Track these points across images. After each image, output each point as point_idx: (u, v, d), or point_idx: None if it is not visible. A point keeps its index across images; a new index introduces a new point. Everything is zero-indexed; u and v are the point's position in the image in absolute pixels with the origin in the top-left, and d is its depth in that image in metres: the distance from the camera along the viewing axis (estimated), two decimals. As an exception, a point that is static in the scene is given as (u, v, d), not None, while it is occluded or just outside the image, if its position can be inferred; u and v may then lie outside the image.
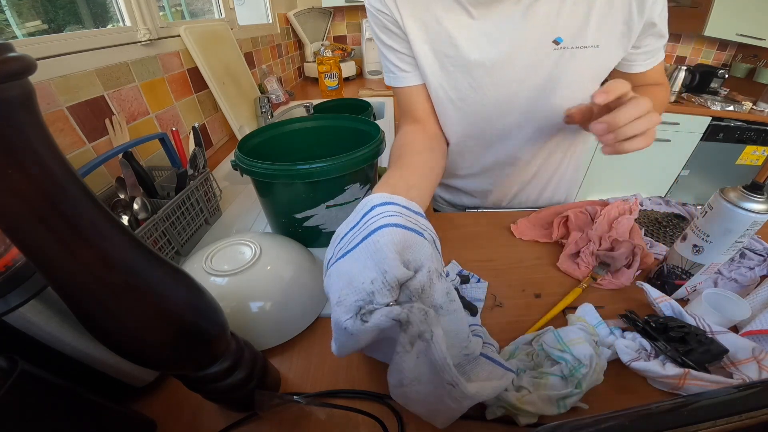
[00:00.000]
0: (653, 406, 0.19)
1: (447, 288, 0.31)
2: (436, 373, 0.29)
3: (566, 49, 0.52)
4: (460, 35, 0.53)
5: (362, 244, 0.31)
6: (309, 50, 2.02)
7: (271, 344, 0.44)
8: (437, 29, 0.53)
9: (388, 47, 0.58)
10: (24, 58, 0.16)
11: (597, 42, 0.52)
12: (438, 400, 0.30)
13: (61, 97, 0.62)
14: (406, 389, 0.31)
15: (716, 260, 0.45)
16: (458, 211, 0.85)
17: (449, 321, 0.31)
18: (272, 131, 0.65)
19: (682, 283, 0.48)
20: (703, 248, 0.45)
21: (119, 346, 0.24)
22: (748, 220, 0.41)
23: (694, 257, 0.46)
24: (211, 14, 1.33)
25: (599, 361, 0.36)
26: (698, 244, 0.45)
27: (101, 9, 0.86)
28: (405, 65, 0.59)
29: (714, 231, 0.43)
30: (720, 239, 0.43)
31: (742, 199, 0.41)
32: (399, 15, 0.54)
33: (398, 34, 0.56)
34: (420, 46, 0.55)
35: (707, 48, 2.42)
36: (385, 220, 0.32)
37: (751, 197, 0.40)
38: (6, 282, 0.28)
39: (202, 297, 0.28)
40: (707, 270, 0.46)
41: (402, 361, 0.29)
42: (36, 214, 0.18)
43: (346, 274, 0.30)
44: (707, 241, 0.44)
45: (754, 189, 0.41)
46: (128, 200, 0.57)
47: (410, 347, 0.29)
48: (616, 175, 2.30)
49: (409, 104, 0.62)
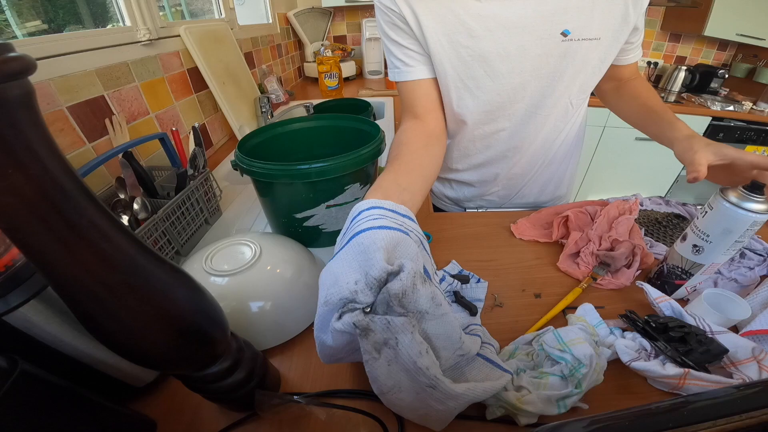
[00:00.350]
0: (653, 406, 0.19)
1: (432, 293, 0.30)
2: (412, 378, 0.29)
3: (573, 41, 0.55)
4: (475, 25, 0.55)
5: (347, 246, 0.32)
6: (309, 50, 2.02)
7: (271, 344, 0.44)
8: (453, 20, 0.55)
9: (394, 42, 0.59)
10: (24, 58, 0.16)
11: (599, 35, 0.55)
12: (423, 404, 0.30)
13: (61, 97, 0.62)
14: (388, 397, 0.31)
15: (716, 260, 0.45)
16: (461, 209, 0.86)
17: (437, 325, 0.31)
18: (272, 131, 0.65)
19: (682, 283, 0.48)
20: (703, 248, 0.45)
21: (119, 346, 0.24)
22: (748, 220, 0.41)
23: (694, 257, 0.46)
24: (211, 14, 1.33)
25: (599, 361, 0.36)
26: (698, 244, 0.45)
27: (101, 9, 0.86)
28: (410, 60, 0.60)
29: (714, 231, 0.43)
30: (720, 239, 0.43)
31: (742, 199, 0.41)
32: (411, 12, 0.55)
33: (405, 30, 0.57)
34: (437, 38, 0.56)
35: (707, 48, 2.41)
36: (370, 223, 0.33)
37: (751, 197, 0.40)
38: (6, 282, 0.28)
39: (202, 297, 0.28)
40: (707, 270, 0.46)
41: (373, 369, 0.29)
42: (36, 214, 0.18)
43: (333, 273, 0.30)
44: (707, 241, 0.44)
45: (754, 189, 0.41)
46: (128, 200, 0.57)
47: (377, 354, 0.29)
48: (616, 175, 2.29)
49: (411, 99, 0.63)
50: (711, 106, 2.01)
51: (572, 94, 0.62)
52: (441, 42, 0.57)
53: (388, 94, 1.69)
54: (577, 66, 0.58)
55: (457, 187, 0.82)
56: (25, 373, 0.24)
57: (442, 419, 0.32)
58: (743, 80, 2.29)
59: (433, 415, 0.32)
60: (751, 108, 2.03)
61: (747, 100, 2.08)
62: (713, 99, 2.06)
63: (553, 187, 0.80)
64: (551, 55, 0.57)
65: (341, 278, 0.29)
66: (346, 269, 0.30)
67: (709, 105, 2.01)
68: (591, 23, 0.54)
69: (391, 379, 0.29)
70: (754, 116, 1.99)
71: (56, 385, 0.27)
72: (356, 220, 0.35)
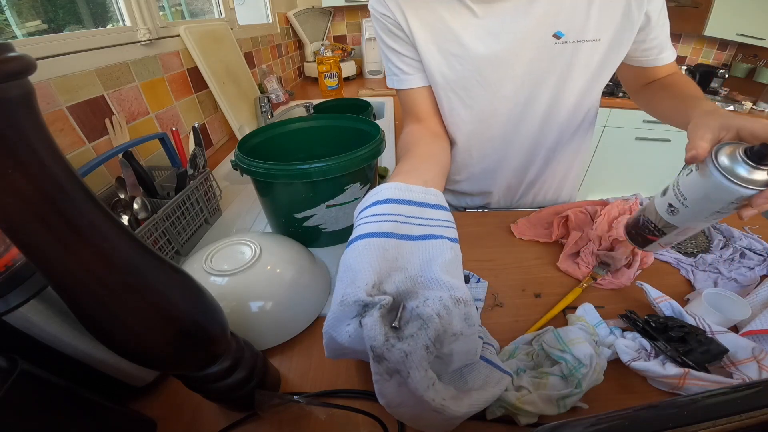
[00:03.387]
0: (653, 406, 0.19)
1: (465, 313, 0.29)
2: (419, 401, 0.28)
3: (567, 43, 0.53)
4: (465, 33, 0.54)
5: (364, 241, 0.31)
6: (309, 50, 2.02)
7: (271, 344, 0.44)
8: (442, 29, 0.54)
9: (392, 50, 0.59)
10: (24, 57, 0.16)
11: (598, 36, 0.52)
12: (429, 417, 0.30)
13: (61, 97, 0.62)
14: (394, 410, 0.30)
15: (691, 225, 0.40)
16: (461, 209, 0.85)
17: (463, 343, 0.30)
18: (272, 131, 0.65)
19: (654, 239, 0.44)
20: (678, 210, 0.39)
21: (119, 346, 0.24)
22: (734, 193, 0.32)
23: (668, 217, 0.40)
24: (211, 14, 1.33)
25: (599, 361, 0.36)
26: (674, 205, 0.39)
27: (101, 9, 0.86)
28: (408, 68, 0.59)
29: (693, 195, 0.37)
30: (697, 205, 0.37)
31: (736, 164, 0.32)
32: (403, 17, 0.54)
33: (401, 37, 0.57)
34: (427, 47, 0.56)
35: (707, 48, 2.41)
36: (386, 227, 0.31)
37: (747, 164, 0.32)
38: (6, 282, 0.28)
39: (202, 297, 0.28)
40: (680, 232, 0.41)
41: (383, 388, 0.29)
42: (36, 214, 0.18)
43: (351, 270, 0.29)
44: (683, 204, 0.38)
45: (755, 155, 0.31)
46: (128, 200, 0.57)
47: (388, 377, 0.28)
48: (616, 175, 2.29)
49: (412, 105, 0.63)
50: (711, 106, 2.00)
51: (573, 99, 0.60)
52: (431, 51, 0.56)
53: (388, 94, 1.69)
54: (576, 70, 0.56)
55: (460, 197, 0.82)
56: (25, 373, 0.24)
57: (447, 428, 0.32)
58: (743, 80, 2.29)
59: (438, 426, 0.32)
60: (752, 108, 2.03)
61: (747, 100, 2.08)
62: (713, 99, 2.07)
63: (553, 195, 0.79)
64: (544, 59, 0.55)
65: (359, 277, 0.28)
66: (365, 266, 0.29)
67: (709, 105, 2.01)
68: (587, 24, 0.51)
69: (399, 398, 0.29)
70: (755, 116, 1.99)
71: (56, 385, 0.27)
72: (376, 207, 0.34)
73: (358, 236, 0.33)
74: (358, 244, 0.32)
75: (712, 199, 0.35)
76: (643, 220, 0.45)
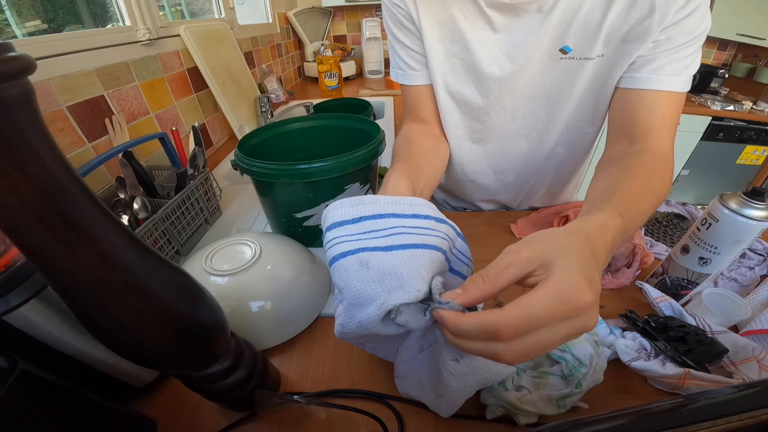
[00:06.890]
0: (653, 406, 0.19)
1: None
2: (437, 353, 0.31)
3: (573, 59, 0.50)
4: (473, 37, 0.52)
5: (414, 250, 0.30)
6: (309, 50, 2.02)
7: (271, 344, 0.44)
8: (452, 29, 0.53)
9: (400, 43, 0.57)
10: (24, 57, 0.16)
11: (603, 51, 0.48)
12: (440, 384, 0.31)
13: (61, 97, 0.62)
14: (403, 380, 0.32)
15: (723, 267, 0.45)
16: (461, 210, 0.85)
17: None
18: (272, 131, 0.65)
19: (687, 293, 0.48)
20: (711, 260, 0.44)
21: (119, 346, 0.24)
22: (757, 228, 0.41)
23: (701, 269, 0.45)
24: (211, 14, 1.33)
25: (599, 361, 0.36)
26: (705, 257, 0.44)
27: (101, 9, 0.86)
28: (415, 63, 0.58)
29: (723, 243, 0.43)
30: (729, 249, 0.43)
31: (747, 207, 0.40)
32: (415, 10, 0.53)
33: (411, 31, 0.56)
34: (433, 45, 0.55)
35: (707, 47, 2.41)
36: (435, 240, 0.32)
37: (754, 205, 0.40)
38: (6, 282, 0.28)
39: (202, 297, 0.28)
40: (712, 277, 0.46)
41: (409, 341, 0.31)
42: (36, 214, 0.18)
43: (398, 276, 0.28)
44: (715, 252, 0.44)
45: (755, 195, 0.40)
46: (128, 200, 0.57)
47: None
48: (616, 174, 2.29)
49: (416, 103, 0.62)
50: (711, 105, 2.01)
51: (576, 118, 0.57)
52: (436, 50, 0.55)
53: (388, 94, 1.69)
54: (579, 87, 0.52)
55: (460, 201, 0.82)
56: (25, 373, 0.24)
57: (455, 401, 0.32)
58: (743, 80, 2.29)
59: (447, 396, 0.31)
60: (752, 108, 2.03)
61: (747, 99, 2.08)
62: (713, 99, 2.06)
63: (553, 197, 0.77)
64: (547, 74, 0.52)
65: (408, 283, 0.28)
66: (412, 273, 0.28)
67: (709, 105, 2.01)
68: (596, 40, 0.47)
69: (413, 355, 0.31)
70: (755, 116, 2.00)
71: (56, 385, 0.27)
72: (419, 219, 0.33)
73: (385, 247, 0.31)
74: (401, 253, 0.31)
75: (742, 239, 0.42)
76: (672, 280, 0.49)
